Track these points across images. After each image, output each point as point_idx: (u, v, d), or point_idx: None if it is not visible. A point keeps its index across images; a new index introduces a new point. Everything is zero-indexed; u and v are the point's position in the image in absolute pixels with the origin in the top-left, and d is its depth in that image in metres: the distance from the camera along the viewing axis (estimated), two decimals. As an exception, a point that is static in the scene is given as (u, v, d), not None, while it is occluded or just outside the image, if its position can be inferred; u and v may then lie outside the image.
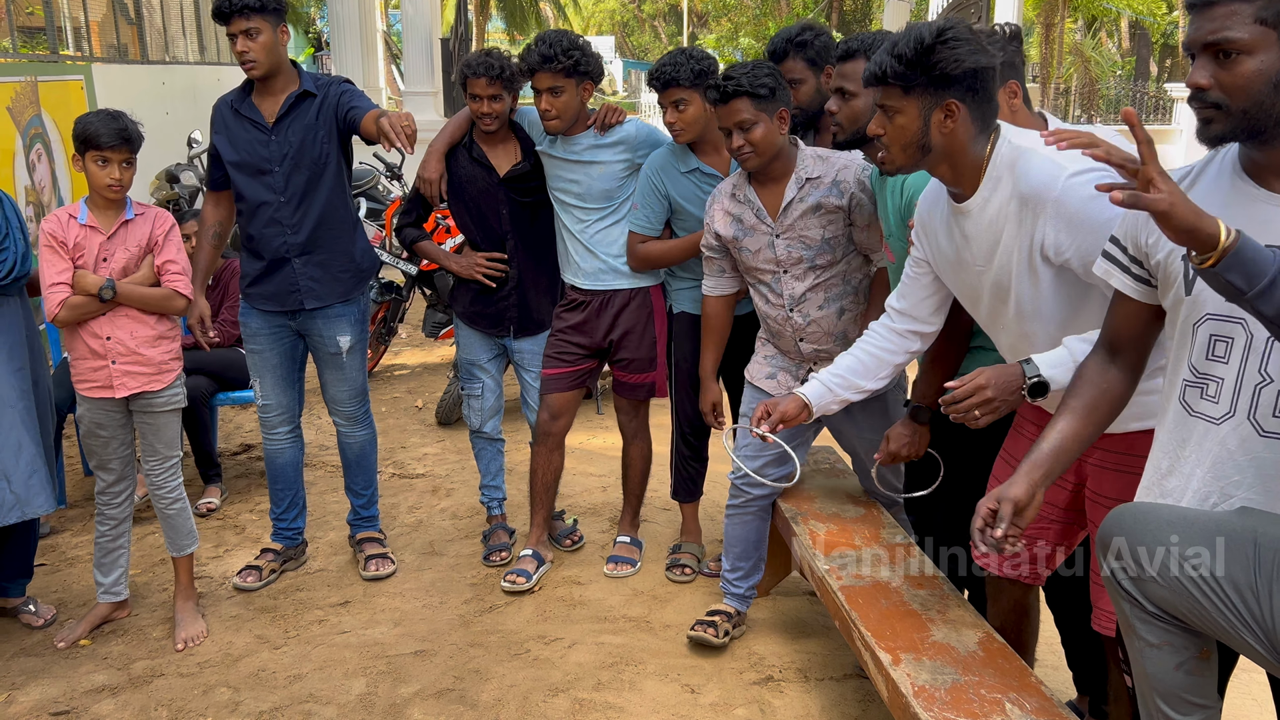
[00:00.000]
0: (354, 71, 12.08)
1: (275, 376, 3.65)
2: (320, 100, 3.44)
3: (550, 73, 3.33)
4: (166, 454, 3.30)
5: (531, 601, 3.56)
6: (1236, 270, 1.51)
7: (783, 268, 2.97)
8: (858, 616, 2.54)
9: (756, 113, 2.84)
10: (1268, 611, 1.63)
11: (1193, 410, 1.79)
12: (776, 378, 3.12)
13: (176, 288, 3.21)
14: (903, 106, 2.13)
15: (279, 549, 3.79)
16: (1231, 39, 1.62)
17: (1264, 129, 1.65)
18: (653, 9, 41.59)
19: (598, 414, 5.55)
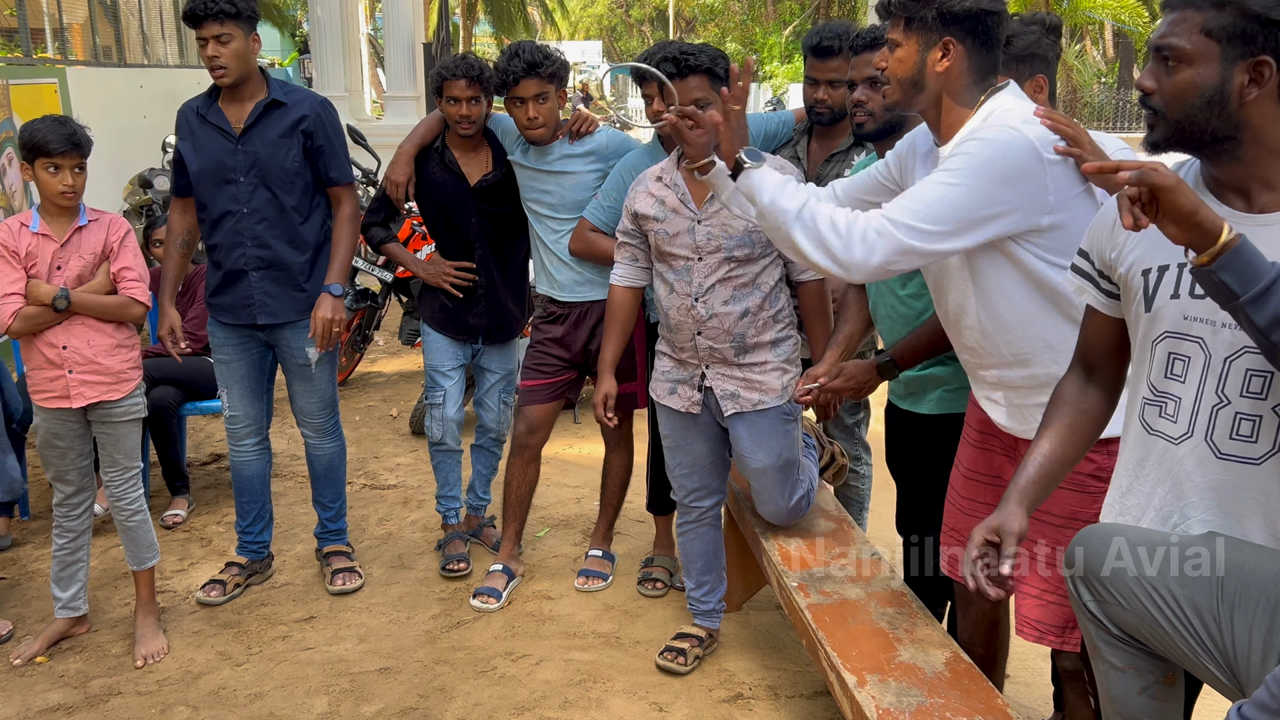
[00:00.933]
0: (335, 75, 12.03)
1: (243, 387, 3.59)
2: (294, 115, 3.37)
3: (538, 79, 3.30)
4: (127, 465, 3.23)
5: (500, 616, 3.51)
6: (1232, 271, 1.47)
7: (698, 255, 2.87)
8: (824, 636, 2.50)
9: (712, 92, 2.78)
10: (1229, 638, 1.61)
11: (1151, 429, 1.76)
12: (677, 392, 3.03)
13: (134, 295, 3.14)
14: (903, 40, 2.11)
15: (244, 563, 3.73)
16: (1174, 45, 1.59)
17: (1199, 143, 1.62)
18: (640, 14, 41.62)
19: (575, 423, 5.50)
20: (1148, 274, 1.73)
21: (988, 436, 2.35)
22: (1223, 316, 1.62)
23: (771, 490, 2.99)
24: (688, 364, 2.99)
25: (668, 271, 2.95)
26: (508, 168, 3.55)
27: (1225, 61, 1.56)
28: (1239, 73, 1.56)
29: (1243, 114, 1.58)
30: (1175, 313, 1.69)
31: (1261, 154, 1.59)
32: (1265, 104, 1.57)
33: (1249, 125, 1.58)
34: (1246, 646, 1.58)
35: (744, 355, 2.91)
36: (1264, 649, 1.55)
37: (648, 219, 2.96)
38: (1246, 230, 1.60)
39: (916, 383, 2.72)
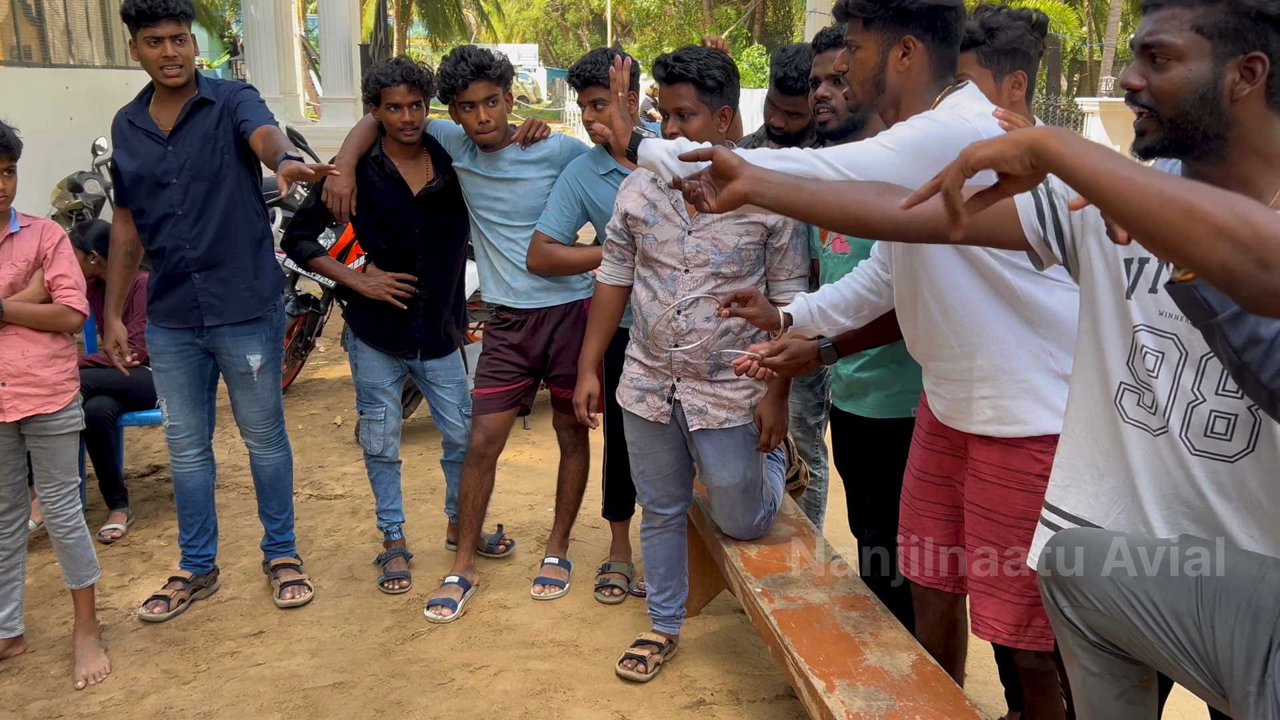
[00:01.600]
0: (269, 77, 11.80)
1: (183, 396, 3.48)
2: (219, 108, 3.28)
3: (487, 81, 3.25)
4: (64, 480, 3.11)
5: (456, 627, 3.45)
6: (1212, 289, 1.45)
7: (685, 267, 2.83)
8: (790, 642, 2.49)
9: (698, 103, 2.74)
10: (1210, 643, 1.60)
11: (1128, 416, 1.76)
12: (645, 400, 2.99)
13: (70, 303, 3.03)
14: (863, 41, 2.10)
15: (188, 577, 3.61)
16: (1165, 42, 1.58)
17: (1192, 143, 1.61)
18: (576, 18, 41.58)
19: (525, 429, 5.45)
20: (1129, 264, 1.73)
21: (936, 438, 2.37)
22: None
23: (734, 508, 2.98)
24: (659, 373, 2.95)
25: (652, 278, 2.90)
26: (450, 175, 3.49)
27: (1217, 58, 1.55)
28: (1230, 70, 1.55)
29: (1233, 112, 1.57)
30: (1151, 307, 1.70)
31: (1245, 154, 1.59)
32: (1254, 102, 1.57)
33: (1237, 124, 1.58)
34: (1229, 651, 1.58)
35: (717, 373, 2.89)
36: (1247, 654, 1.56)
37: (636, 221, 2.90)
38: None
39: (856, 385, 2.74)
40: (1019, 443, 2.15)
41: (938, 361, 2.25)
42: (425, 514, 4.36)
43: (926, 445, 2.40)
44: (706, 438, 2.94)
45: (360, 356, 3.67)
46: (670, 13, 37.22)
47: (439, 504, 4.42)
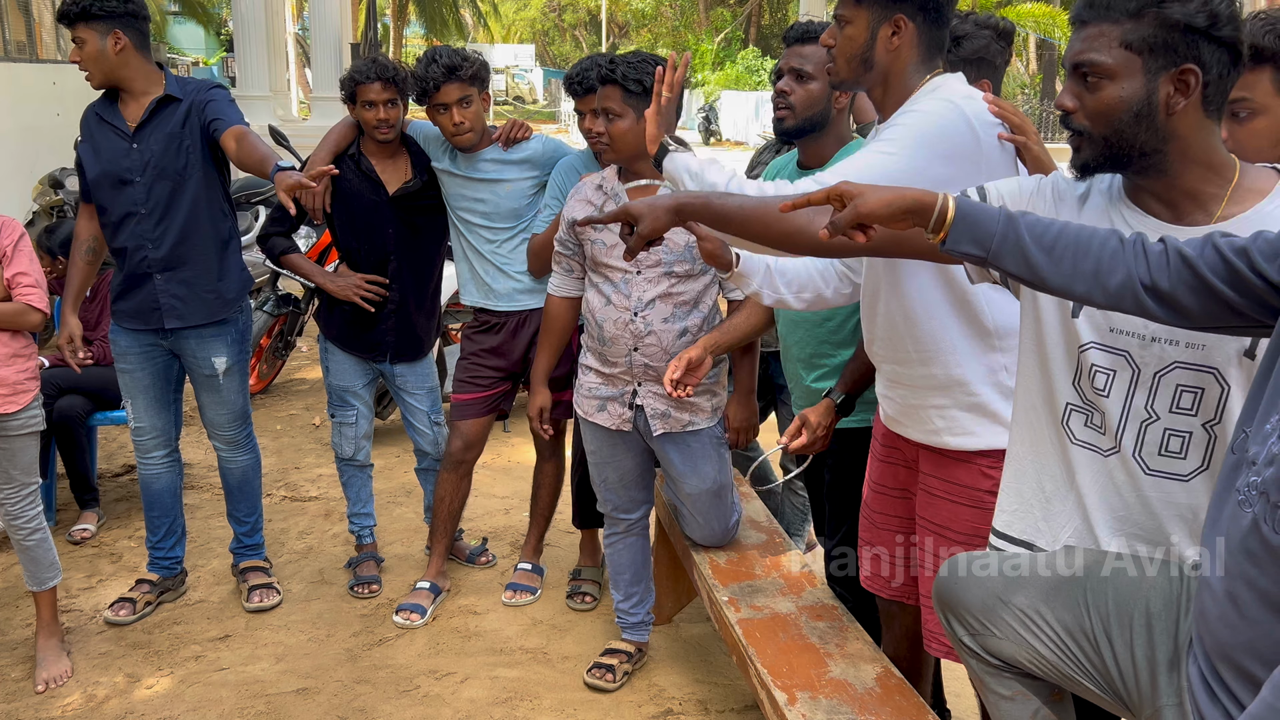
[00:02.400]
0: (260, 74, 11.76)
1: (148, 398, 3.44)
2: (186, 106, 3.24)
3: (460, 83, 3.21)
4: (24, 481, 3.06)
5: (424, 633, 3.41)
6: (967, 239, 1.49)
7: (637, 268, 2.80)
8: (755, 652, 2.46)
9: (624, 106, 2.73)
10: (1109, 658, 1.58)
11: (1075, 437, 1.72)
12: (606, 409, 2.94)
13: (30, 301, 2.99)
14: (853, 16, 2.06)
15: (155, 580, 3.57)
16: (1095, 61, 1.56)
17: (1128, 159, 1.59)
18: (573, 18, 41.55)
19: (505, 432, 5.40)
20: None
21: (890, 449, 2.33)
22: (1153, 330, 1.60)
23: (707, 514, 2.94)
24: (618, 380, 2.91)
25: (604, 284, 2.86)
26: (429, 175, 3.45)
27: (1149, 74, 1.53)
28: (1164, 84, 1.53)
29: (1170, 126, 1.55)
30: (1102, 323, 1.66)
31: (1187, 165, 1.57)
32: (1191, 114, 1.54)
33: (1176, 137, 1.55)
34: (1130, 664, 1.55)
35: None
36: (1150, 666, 1.53)
37: (584, 230, 2.87)
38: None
39: (815, 395, 2.70)
40: (967, 456, 2.12)
41: (893, 365, 2.22)
42: (399, 518, 4.32)
43: (882, 458, 2.37)
44: (672, 443, 2.90)
45: (331, 358, 3.63)
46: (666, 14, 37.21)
47: (413, 508, 4.38)
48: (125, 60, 3.20)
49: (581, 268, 2.97)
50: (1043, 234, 1.47)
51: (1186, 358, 1.58)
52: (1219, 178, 1.57)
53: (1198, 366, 1.58)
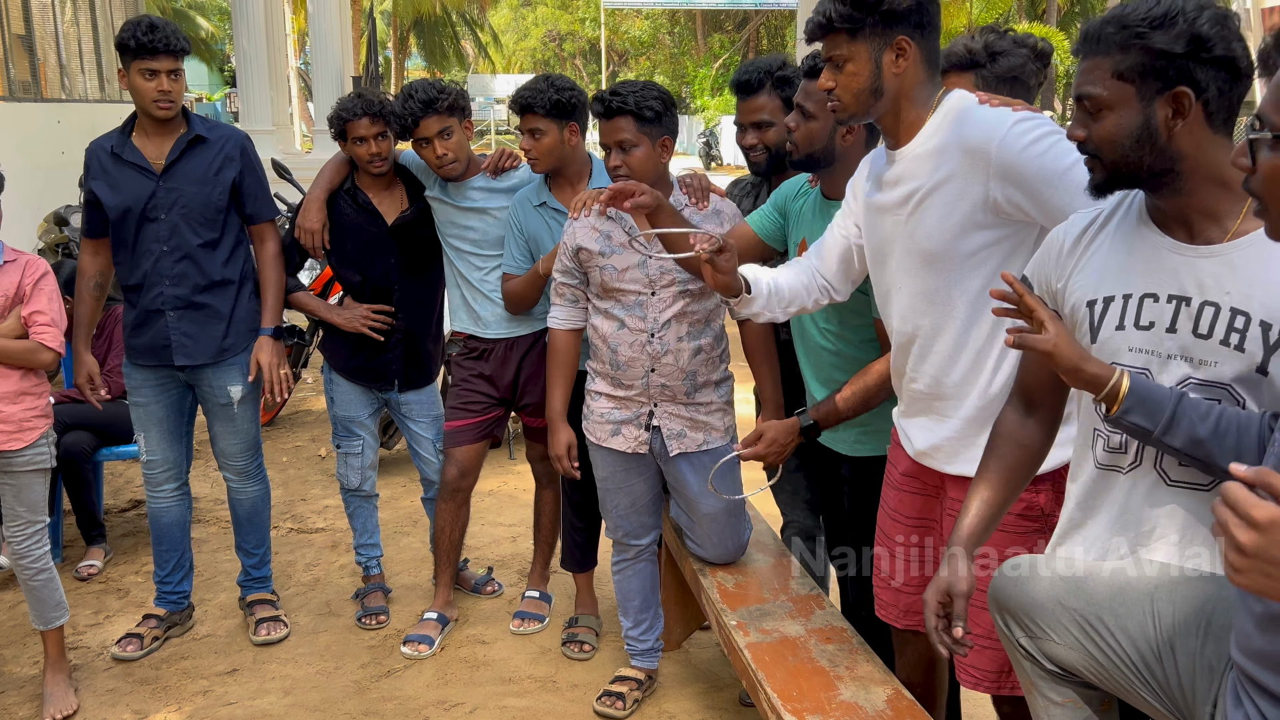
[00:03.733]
0: (262, 109, 11.86)
1: (161, 430, 3.45)
2: (218, 152, 3.29)
3: (438, 115, 3.22)
4: (30, 519, 3.07)
5: (432, 663, 3.40)
6: (1138, 412, 1.55)
7: (652, 289, 2.81)
8: (764, 676, 2.44)
9: (638, 134, 2.74)
10: (1170, 670, 1.58)
11: (1100, 462, 1.74)
12: (621, 433, 2.94)
13: (43, 340, 3.00)
14: (852, 53, 2.04)
15: (163, 614, 3.57)
16: (1092, 94, 1.62)
17: (1139, 180, 1.64)
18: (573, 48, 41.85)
19: (510, 459, 5.41)
20: (1093, 305, 1.72)
21: (909, 479, 2.31)
22: (1168, 347, 1.62)
23: (722, 533, 2.94)
24: (633, 402, 2.90)
25: (616, 308, 2.86)
26: (424, 204, 3.47)
27: (1143, 100, 1.58)
28: (1160, 107, 1.57)
29: (1174, 146, 1.58)
30: (1120, 344, 1.68)
31: (1201, 182, 1.59)
32: (1195, 132, 1.57)
33: (1184, 155, 1.59)
34: (1191, 674, 1.56)
35: (694, 394, 2.87)
36: (1209, 674, 1.54)
37: (591, 255, 2.86)
38: (1190, 261, 1.61)
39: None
40: None
41: (937, 399, 2.18)
42: (405, 548, 4.32)
43: (900, 486, 2.34)
44: (687, 463, 2.90)
45: (336, 390, 3.63)
46: (664, 42, 37.47)
47: (420, 538, 4.37)
48: None
49: (586, 296, 2.97)
50: (1207, 413, 1.54)
51: (1200, 374, 1.60)
52: (1232, 194, 1.59)
53: (1210, 383, 1.60)
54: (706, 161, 27.27)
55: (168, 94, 3.20)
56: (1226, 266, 1.58)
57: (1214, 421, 1.53)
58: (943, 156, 2.03)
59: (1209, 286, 1.59)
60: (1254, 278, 1.56)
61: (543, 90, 3.07)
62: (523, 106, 3.11)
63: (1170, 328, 1.63)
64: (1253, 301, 1.55)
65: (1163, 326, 1.64)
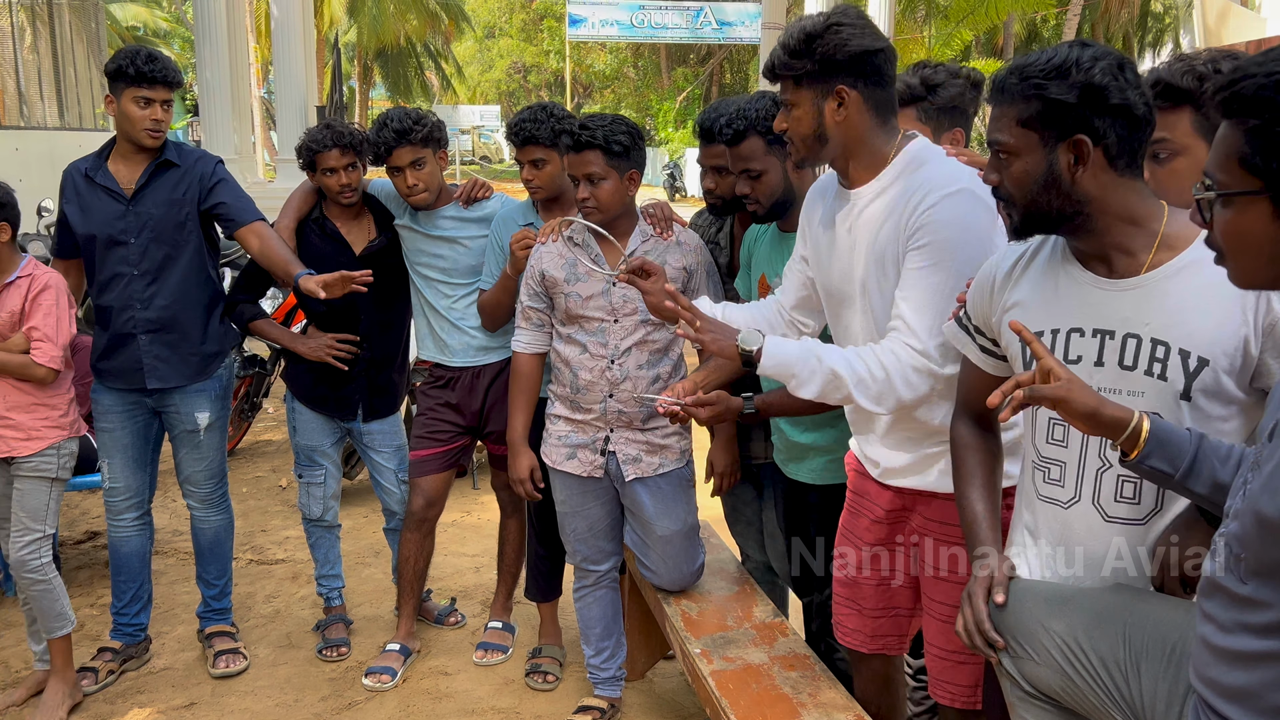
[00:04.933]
0: (225, 138, 11.82)
1: (126, 457, 3.42)
2: (184, 173, 3.29)
3: (411, 146, 3.23)
4: (29, 525, 3.10)
5: (394, 695, 3.36)
6: (1159, 456, 1.51)
7: (614, 317, 2.85)
8: (728, 704, 2.45)
9: (606, 168, 2.77)
10: (1136, 689, 1.61)
11: (1040, 494, 1.79)
12: (576, 457, 2.96)
13: (35, 356, 3.05)
14: (797, 99, 2.10)
15: (118, 647, 3.51)
16: (999, 141, 1.68)
17: (1051, 223, 1.69)
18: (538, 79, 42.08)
19: (474, 489, 5.38)
20: (1039, 336, 1.76)
21: (865, 500, 2.33)
22: (1097, 380, 1.67)
23: (677, 557, 2.95)
24: (590, 426, 2.93)
25: (579, 333, 2.89)
26: (393, 233, 3.47)
27: (1046, 147, 1.64)
28: (1062, 153, 1.64)
29: (1079, 189, 1.65)
30: None
31: (1111, 222, 1.66)
32: (1099, 175, 1.64)
33: (1091, 198, 1.65)
34: (1153, 696, 1.59)
35: (650, 419, 2.89)
36: (1168, 697, 1.57)
37: (556, 283, 2.89)
38: (1111, 295, 1.66)
39: (797, 449, 2.71)
40: None
41: (903, 421, 2.20)
42: (367, 579, 4.28)
43: (863, 511, 2.36)
44: (643, 486, 2.92)
45: (298, 418, 3.61)
46: (629, 75, 37.78)
47: (382, 568, 4.34)
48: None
49: (550, 321, 2.99)
50: (1227, 456, 1.52)
51: (1130, 405, 1.64)
52: (1143, 230, 1.66)
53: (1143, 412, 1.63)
54: (671, 193, 27.44)
55: (160, 123, 3.23)
56: (1144, 298, 1.65)
57: (1235, 464, 1.51)
58: (891, 206, 2.08)
59: (1130, 319, 1.65)
60: (1170, 308, 1.62)
61: (544, 121, 3.11)
62: (525, 138, 3.12)
63: (1098, 361, 1.68)
64: (1171, 330, 1.62)
65: (1090, 360, 1.69)
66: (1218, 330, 1.58)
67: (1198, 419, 1.62)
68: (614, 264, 2.86)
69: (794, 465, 2.74)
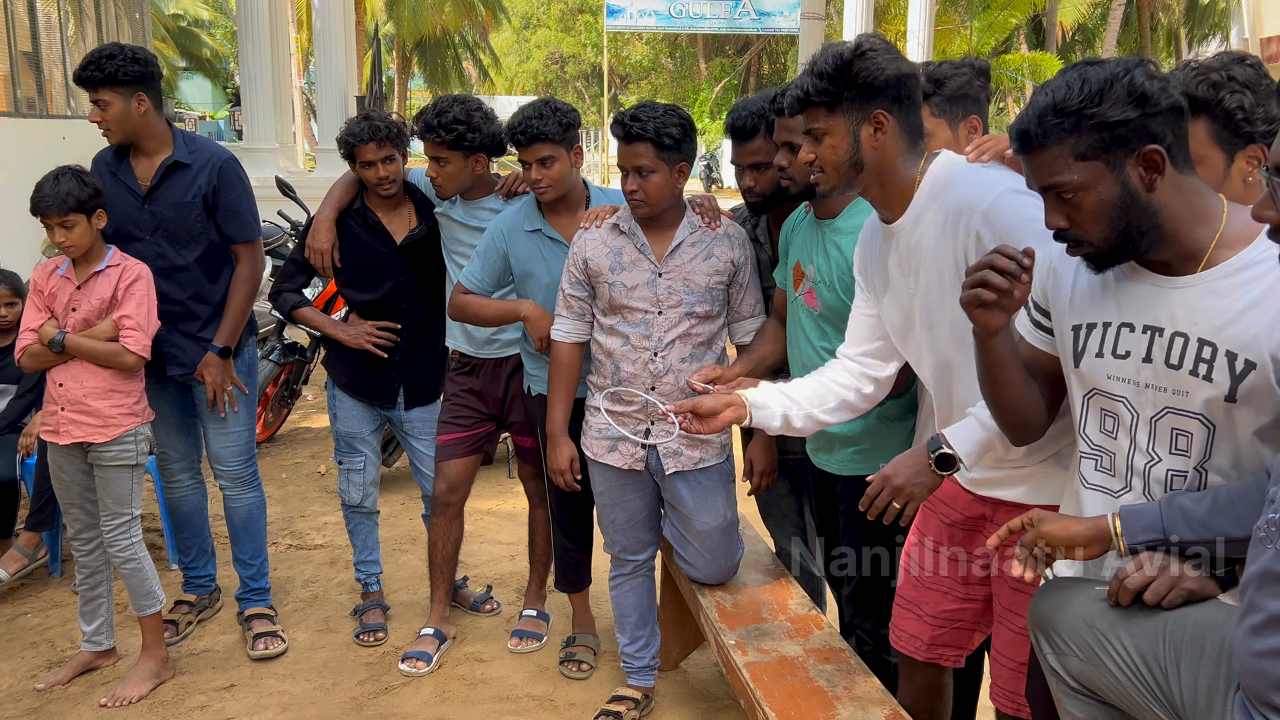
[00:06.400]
0: (266, 127, 11.92)
1: (167, 424, 3.55)
2: (194, 175, 3.34)
3: (433, 144, 3.24)
4: (116, 510, 3.20)
5: (430, 681, 3.39)
6: (1141, 534, 1.63)
7: (659, 308, 2.83)
8: (762, 695, 2.45)
9: (656, 160, 2.74)
10: (1175, 686, 1.61)
11: (1088, 482, 1.77)
12: (617, 449, 2.95)
13: (126, 344, 3.13)
14: (830, 126, 2.07)
15: (193, 600, 3.73)
16: (1063, 182, 1.63)
17: (1133, 248, 1.65)
18: (575, 70, 42.06)
19: (509, 478, 5.41)
20: (1077, 330, 1.75)
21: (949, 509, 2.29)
22: (1144, 377, 1.66)
23: (715, 551, 2.95)
24: (631, 419, 2.92)
25: (621, 324, 2.87)
26: (433, 221, 3.49)
27: (1114, 170, 1.60)
28: (1132, 170, 1.60)
29: (1154, 199, 1.62)
30: (1099, 371, 1.72)
31: (1177, 227, 1.64)
32: (1170, 179, 1.62)
33: (1163, 205, 1.62)
34: (1194, 692, 1.58)
35: None
36: (1209, 694, 1.56)
37: (600, 272, 2.87)
38: (1164, 292, 1.64)
39: (825, 439, 2.69)
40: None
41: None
42: (404, 565, 4.32)
43: (936, 510, 2.32)
44: (683, 480, 2.92)
45: (339, 405, 3.65)
46: (666, 65, 37.68)
47: (419, 555, 4.37)
48: (146, 121, 3.30)
49: (592, 310, 2.98)
50: (1200, 498, 1.61)
51: (1175, 404, 1.65)
52: (1207, 227, 1.63)
53: (1184, 411, 1.64)
54: (707, 184, 27.39)
55: (97, 122, 3.26)
56: (1197, 297, 1.62)
57: (1209, 502, 1.59)
58: (936, 229, 2.07)
59: (1179, 317, 1.63)
60: (1221, 309, 1.60)
61: (548, 116, 3.00)
62: (532, 135, 2.98)
63: (1145, 358, 1.67)
64: (1219, 332, 1.59)
65: (1138, 356, 1.67)
66: (1270, 333, 1.56)
67: (1244, 422, 1.60)
68: (660, 254, 2.85)
69: (823, 455, 2.73)
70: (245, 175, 3.48)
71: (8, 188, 6.81)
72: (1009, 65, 20.96)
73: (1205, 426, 1.62)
